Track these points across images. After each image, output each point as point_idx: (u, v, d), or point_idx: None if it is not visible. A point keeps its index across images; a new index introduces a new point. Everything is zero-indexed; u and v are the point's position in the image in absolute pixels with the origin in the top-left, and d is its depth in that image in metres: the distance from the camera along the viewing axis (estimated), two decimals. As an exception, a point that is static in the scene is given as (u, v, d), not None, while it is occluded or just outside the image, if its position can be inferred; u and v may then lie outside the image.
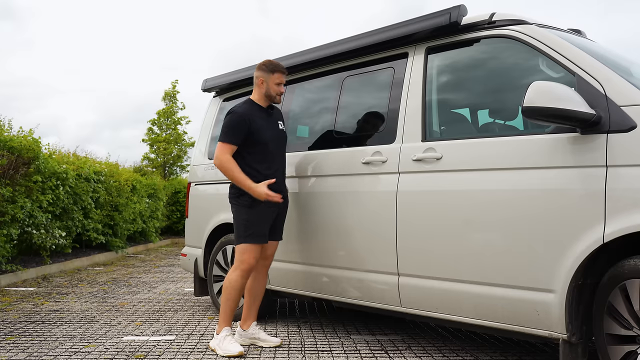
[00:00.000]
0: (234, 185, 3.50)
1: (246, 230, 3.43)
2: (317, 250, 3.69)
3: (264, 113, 3.55)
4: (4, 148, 6.37)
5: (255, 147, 3.45)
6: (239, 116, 3.43)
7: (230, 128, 3.42)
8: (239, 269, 3.44)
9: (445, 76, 3.31)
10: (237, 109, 3.49)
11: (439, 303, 3.02)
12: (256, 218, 3.43)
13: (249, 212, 3.43)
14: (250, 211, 3.43)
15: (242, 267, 3.44)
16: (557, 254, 2.54)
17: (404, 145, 3.23)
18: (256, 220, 3.43)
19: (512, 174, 2.74)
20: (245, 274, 3.45)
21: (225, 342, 3.37)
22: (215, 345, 3.41)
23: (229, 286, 3.46)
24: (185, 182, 15.25)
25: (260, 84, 3.55)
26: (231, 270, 3.50)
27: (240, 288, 3.46)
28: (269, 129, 3.52)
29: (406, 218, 3.15)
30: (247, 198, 3.43)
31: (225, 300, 3.48)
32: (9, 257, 6.61)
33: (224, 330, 3.43)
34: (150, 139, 18.18)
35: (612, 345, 2.44)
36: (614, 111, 2.44)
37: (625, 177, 2.37)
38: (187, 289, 6.05)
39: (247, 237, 3.42)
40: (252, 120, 3.43)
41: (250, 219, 3.43)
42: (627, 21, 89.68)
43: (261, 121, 3.49)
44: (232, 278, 3.46)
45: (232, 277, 3.46)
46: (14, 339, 3.75)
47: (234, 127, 3.41)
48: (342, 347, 3.53)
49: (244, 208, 3.45)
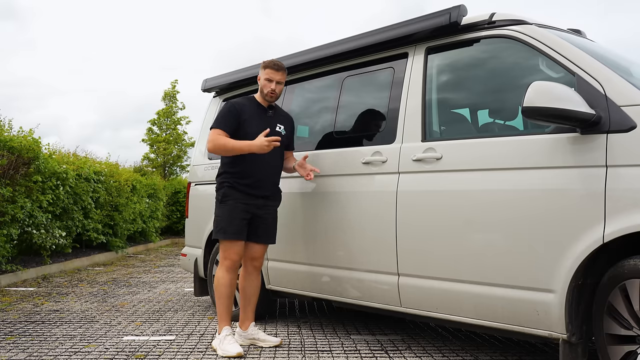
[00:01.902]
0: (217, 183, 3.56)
1: (217, 226, 3.48)
2: (317, 250, 3.69)
3: (259, 110, 3.58)
4: (4, 148, 6.37)
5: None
6: (230, 105, 3.53)
7: (221, 115, 3.51)
8: (222, 265, 3.50)
9: (445, 76, 3.31)
10: (232, 100, 3.63)
11: (439, 303, 3.02)
12: (226, 214, 3.44)
13: (220, 208, 3.48)
14: (221, 206, 3.48)
15: (225, 264, 3.48)
16: (557, 254, 2.54)
17: (404, 145, 3.23)
18: (226, 216, 3.44)
19: (512, 174, 2.74)
20: (229, 269, 3.48)
21: (224, 343, 3.38)
22: (216, 345, 3.42)
23: (216, 284, 3.50)
24: (185, 182, 15.25)
25: (259, 80, 3.62)
26: (217, 268, 3.55)
27: (228, 284, 3.48)
28: (258, 125, 3.47)
29: (406, 218, 3.15)
30: (220, 194, 3.50)
31: (217, 299, 3.51)
32: (9, 257, 6.62)
33: (224, 330, 3.44)
34: (150, 139, 18.19)
35: (612, 345, 2.44)
36: (614, 111, 2.44)
37: (625, 177, 2.37)
38: (187, 289, 6.05)
39: (217, 232, 3.47)
40: (242, 111, 3.50)
41: (220, 214, 3.48)
42: (627, 21, 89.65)
43: (252, 115, 3.52)
44: (218, 275, 3.51)
45: (218, 274, 3.51)
46: (14, 339, 3.75)
47: (224, 114, 3.50)
48: (342, 347, 3.53)
49: (217, 203, 3.51)
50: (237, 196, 3.45)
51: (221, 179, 3.53)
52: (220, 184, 3.53)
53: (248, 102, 3.58)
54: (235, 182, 3.45)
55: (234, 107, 3.50)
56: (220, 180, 3.53)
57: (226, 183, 3.48)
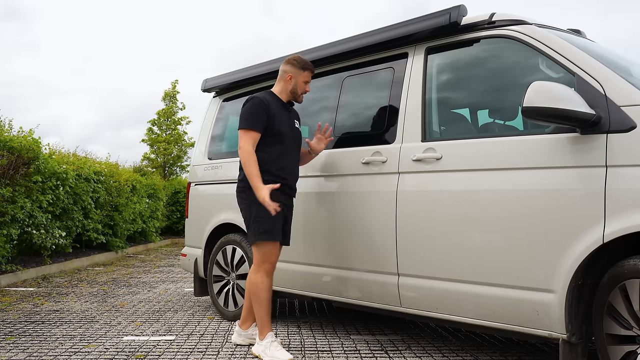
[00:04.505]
0: (243, 179, 3.35)
1: (259, 227, 3.27)
2: (317, 250, 3.69)
3: (283, 107, 3.43)
4: (4, 148, 6.37)
5: (272, 142, 3.32)
6: (259, 100, 3.30)
7: (251, 113, 3.28)
8: (262, 269, 3.32)
9: (445, 76, 3.31)
10: (256, 95, 3.38)
11: (439, 303, 3.02)
12: (268, 215, 3.21)
13: (259, 207, 3.23)
14: (261, 207, 3.21)
15: (264, 267, 3.32)
16: (557, 254, 2.54)
17: (404, 145, 3.23)
18: (268, 217, 3.23)
19: (512, 174, 2.74)
20: (268, 273, 3.32)
21: (272, 349, 3.22)
22: (261, 352, 3.26)
23: (255, 289, 3.32)
24: (185, 182, 15.25)
25: (289, 79, 3.43)
26: (252, 272, 3.37)
27: (268, 288, 3.31)
28: (286, 123, 3.39)
29: (406, 218, 3.15)
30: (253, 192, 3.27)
31: (257, 305, 3.33)
32: (9, 257, 6.62)
33: (268, 336, 3.27)
34: (150, 139, 18.19)
35: (612, 345, 2.44)
36: (614, 111, 2.44)
37: (625, 177, 2.37)
38: (187, 289, 6.05)
39: (261, 234, 3.27)
40: (270, 106, 3.30)
41: (261, 216, 3.25)
42: (627, 21, 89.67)
43: (280, 112, 3.37)
44: (256, 280, 3.32)
45: (257, 279, 3.32)
46: (14, 339, 3.75)
47: (254, 111, 3.28)
48: (342, 347, 3.53)
49: (253, 203, 3.26)
50: (277, 196, 3.27)
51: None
52: None
53: (270, 97, 3.39)
54: (276, 182, 3.28)
55: (262, 101, 3.30)
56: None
57: (266, 182, 3.25)
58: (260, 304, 3.32)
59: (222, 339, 3.75)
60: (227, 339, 3.74)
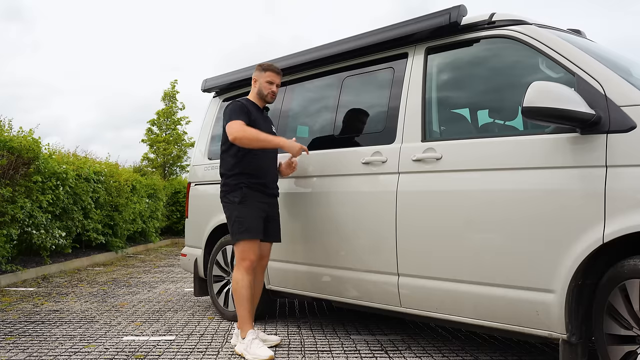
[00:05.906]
0: (224, 184, 3.54)
1: (240, 227, 3.43)
2: (317, 251, 3.69)
3: (259, 111, 3.64)
4: (4, 148, 6.37)
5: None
6: (240, 104, 3.52)
7: (236, 111, 3.46)
8: (241, 267, 3.43)
9: (445, 76, 3.31)
10: (236, 100, 3.61)
11: (439, 303, 3.02)
12: (247, 213, 3.44)
13: (240, 209, 3.45)
14: (241, 207, 3.44)
15: (244, 265, 3.43)
16: (557, 254, 2.54)
17: (404, 146, 3.23)
18: (248, 215, 3.43)
19: (512, 174, 2.74)
20: (248, 270, 3.43)
21: (253, 347, 3.26)
22: (243, 350, 3.30)
23: (236, 287, 3.43)
24: (185, 182, 15.25)
25: (254, 82, 3.65)
26: (234, 271, 3.49)
27: (248, 286, 3.42)
28: (264, 127, 3.58)
29: (406, 218, 3.15)
30: (236, 195, 3.47)
31: (238, 302, 3.43)
32: (9, 257, 6.61)
33: (249, 334, 3.33)
34: (149, 139, 18.18)
35: (612, 345, 2.44)
36: (614, 111, 2.44)
37: (625, 177, 2.37)
38: (187, 289, 6.05)
39: (242, 232, 3.43)
40: (250, 111, 3.52)
41: (241, 214, 3.44)
42: (627, 21, 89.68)
43: (258, 116, 3.57)
44: (237, 278, 3.44)
45: (237, 277, 3.44)
46: (14, 339, 3.75)
47: (238, 110, 3.47)
48: (342, 347, 3.53)
49: (234, 205, 3.47)
50: (256, 196, 3.48)
51: (236, 180, 3.48)
52: (235, 185, 3.48)
53: (248, 103, 3.59)
54: (253, 183, 3.48)
55: (244, 105, 3.51)
56: (235, 182, 3.48)
57: (243, 184, 3.47)
58: (240, 301, 3.42)
59: (222, 339, 3.75)
60: (227, 339, 3.75)
